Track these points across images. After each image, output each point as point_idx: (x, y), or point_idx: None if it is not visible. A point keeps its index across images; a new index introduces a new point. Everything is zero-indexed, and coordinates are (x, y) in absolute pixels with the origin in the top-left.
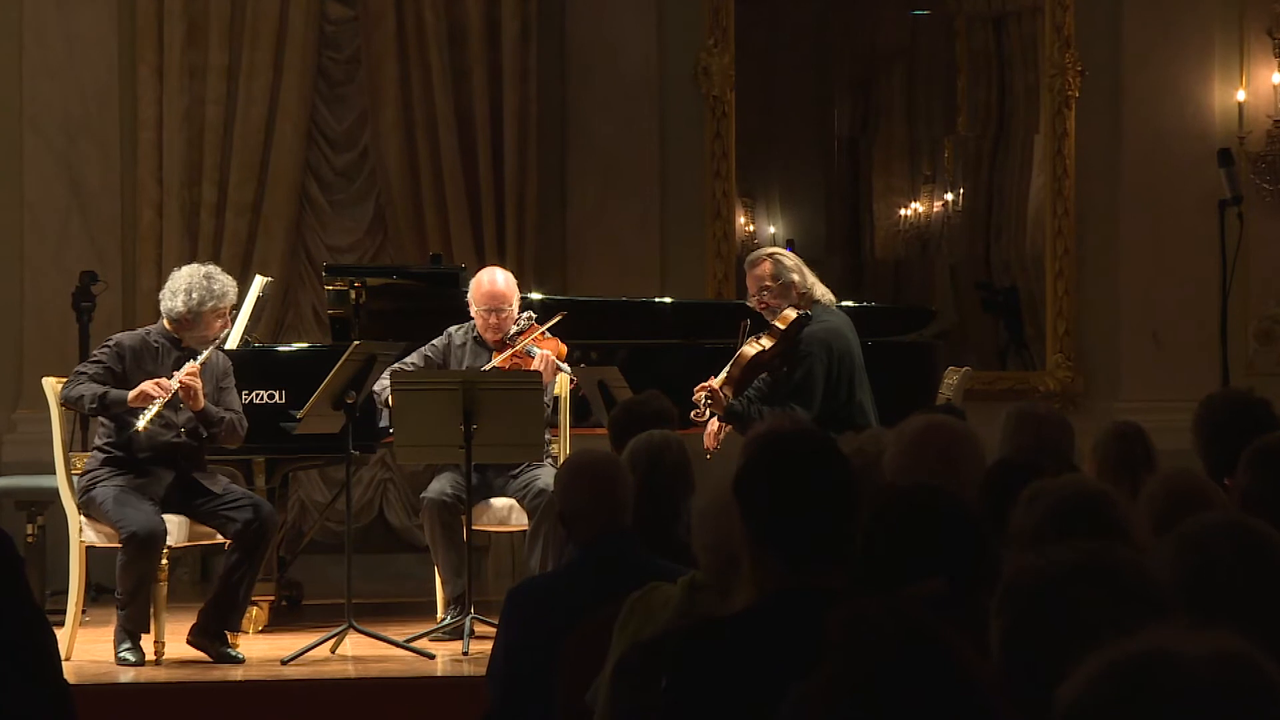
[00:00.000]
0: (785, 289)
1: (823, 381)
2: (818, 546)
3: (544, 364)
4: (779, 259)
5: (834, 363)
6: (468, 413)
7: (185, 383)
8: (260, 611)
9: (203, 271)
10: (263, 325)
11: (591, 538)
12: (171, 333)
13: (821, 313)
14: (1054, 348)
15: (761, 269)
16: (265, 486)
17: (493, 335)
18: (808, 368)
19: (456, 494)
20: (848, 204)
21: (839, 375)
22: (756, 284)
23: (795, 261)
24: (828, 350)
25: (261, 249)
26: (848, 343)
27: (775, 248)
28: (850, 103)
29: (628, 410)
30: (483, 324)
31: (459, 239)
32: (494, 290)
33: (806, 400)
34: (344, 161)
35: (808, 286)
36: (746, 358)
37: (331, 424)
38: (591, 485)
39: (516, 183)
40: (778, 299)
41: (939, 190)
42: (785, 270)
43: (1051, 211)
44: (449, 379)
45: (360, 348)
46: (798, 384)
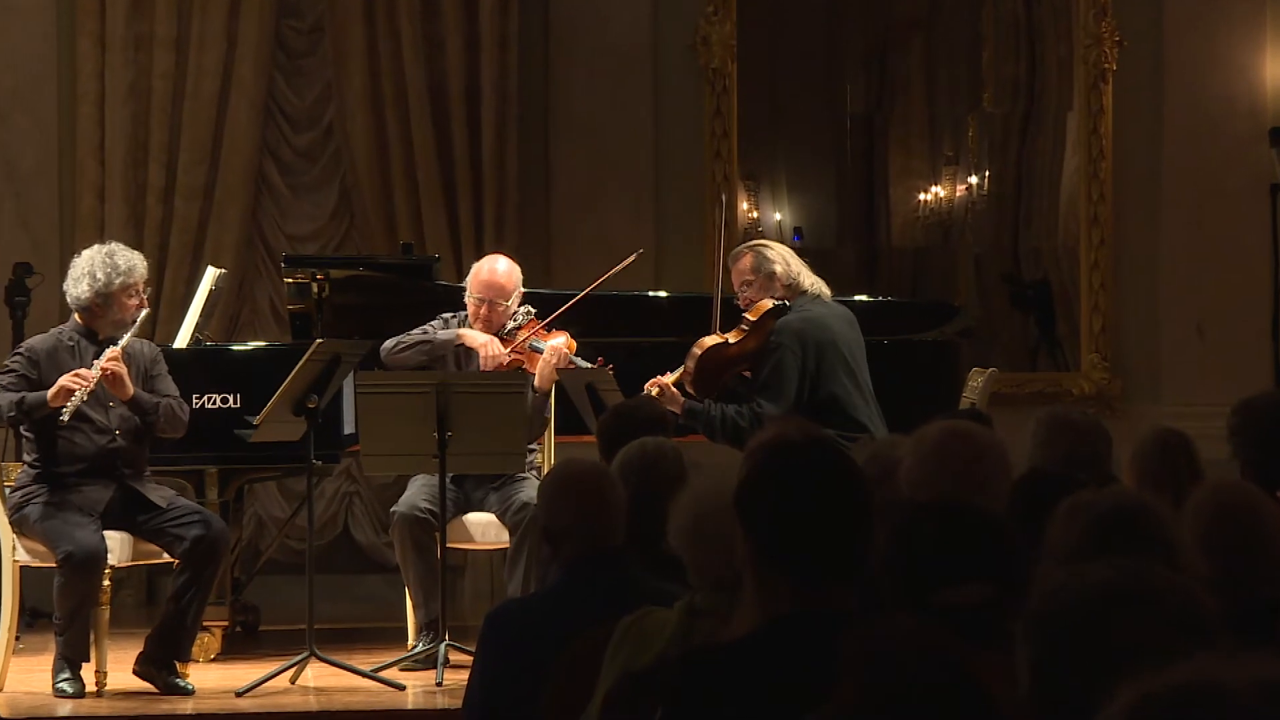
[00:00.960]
0: (768, 281)
1: (796, 376)
2: (829, 565)
3: (556, 358)
4: (760, 250)
5: (809, 356)
6: (442, 418)
7: (107, 368)
8: (212, 638)
9: (103, 250)
10: (215, 322)
11: (579, 557)
12: (85, 325)
13: (806, 304)
14: (1089, 346)
15: (742, 263)
16: (218, 500)
17: (482, 328)
18: (776, 360)
19: (430, 508)
20: (861, 188)
21: (816, 368)
22: (738, 280)
23: (780, 252)
24: (800, 341)
25: (214, 238)
26: (830, 334)
27: (761, 240)
28: (864, 76)
29: (619, 416)
30: (473, 313)
31: (432, 226)
32: (492, 280)
33: (774, 395)
34: (305, 141)
35: (793, 277)
36: (703, 347)
37: (291, 431)
38: (579, 499)
39: (495, 164)
40: (760, 293)
41: (962, 173)
42: (766, 261)
43: (1086, 196)
44: (421, 381)
45: (323, 347)
46: (768, 377)
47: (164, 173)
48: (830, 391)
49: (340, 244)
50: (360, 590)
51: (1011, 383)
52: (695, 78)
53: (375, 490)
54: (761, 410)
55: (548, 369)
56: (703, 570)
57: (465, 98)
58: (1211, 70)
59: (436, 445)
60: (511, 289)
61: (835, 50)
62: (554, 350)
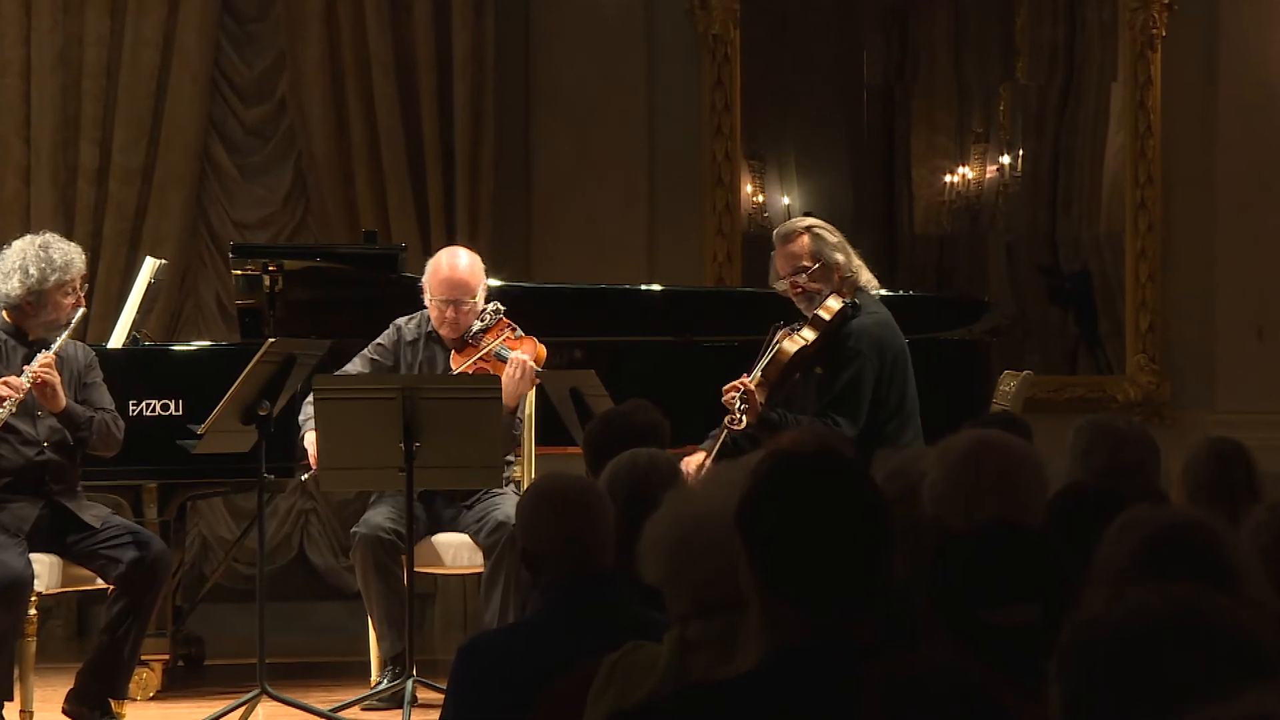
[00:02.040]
0: (827, 271)
1: (871, 390)
2: (844, 591)
3: (519, 372)
4: (820, 233)
5: (886, 366)
6: (409, 427)
7: (39, 376)
8: (151, 674)
9: (37, 243)
10: (155, 319)
11: (562, 582)
12: (14, 325)
13: (868, 303)
14: (1135, 347)
15: (798, 244)
16: (157, 519)
17: (449, 332)
18: (856, 371)
19: (395, 528)
20: (880, 169)
21: (890, 381)
22: (790, 263)
23: (840, 238)
24: (879, 350)
25: (154, 225)
26: (901, 341)
27: (812, 218)
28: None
29: (607, 424)
30: (438, 317)
31: (398, 212)
32: (454, 277)
33: (852, 411)
34: (255, 117)
35: (853, 270)
36: (787, 355)
37: (240, 441)
38: (562, 517)
39: (469, 143)
40: (817, 283)
41: (993, 152)
42: (827, 247)
43: (1133, 178)
44: (385, 384)
45: (276, 347)
46: (843, 391)
47: (97, 152)
48: (906, 406)
49: (295, 232)
50: (317, 620)
51: (1048, 387)
52: (693, 45)
53: (334, 508)
54: (837, 426)
55: (512, 385)
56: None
57: (436, 68)
58: (1271, 36)
59: (403, 457)
60: (477, 284)
61: (850, 13)
62: (517, 365)
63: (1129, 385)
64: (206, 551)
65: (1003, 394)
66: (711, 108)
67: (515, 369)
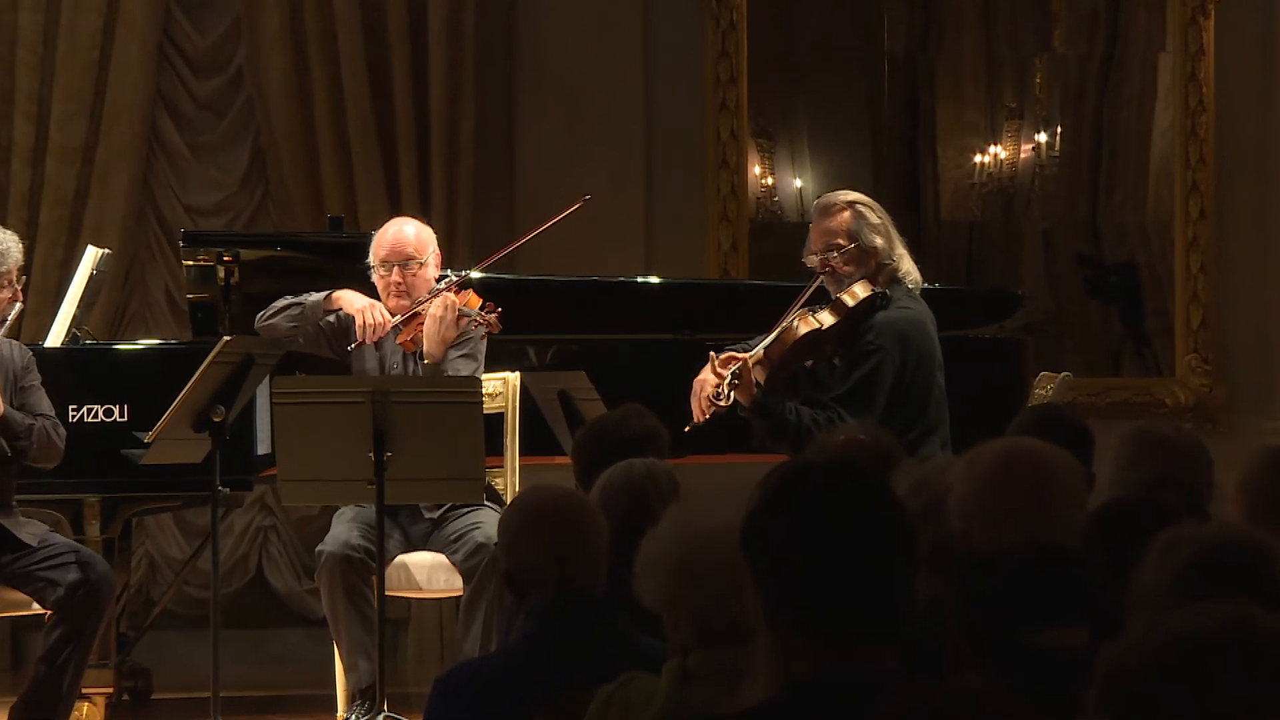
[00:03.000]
0: (863, 255)
1: (888, 390)
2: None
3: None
4: (862, 211)
5: (909, 367)
6: (380, 434)
7: None
8: (94, 708)
9: None
10: (97, 314)
11: (550, 607)
12: None
13: (902, 297)
14: (1186, 346)
15: (836, 220)
16: (100, 537)
17: (396, 302)
18: (873, 366)
19: (365, 546)
20: (902, 148)
21: (912, 386)
22: (824, 239)
23: (883, 218)
24: (903, 346)
25: (96, 210)
26: (931, 343)
27: (859, 195)
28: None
29: (599, 431)
30: (383, 286)
31: (368, 196)
32: (399, 239)
33: (862, 408)
34: (209, 90)
35: (893, 258)
36: (795, 335)
37: (192, 451)
38: (549, 535)
39: (446, 120)
40: (850, 265)
41: (1028, 129)
42: (867, 228)
43: (1183, 159)
44: (353, 387)
45: (232, 346)
46: (856, 386)
47: (32, 129)
48: (930, 415)
49: (253, 217)
50: (278, 648)
51: (1089, 390)
52: (695, 11)
53: (296, 525)
54: (842, 425)
55: (434, 325)
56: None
57: (409, 36)
58: None
59: (373, 468)
60: (425, 248)
61: None
62: (440, 301)
63: (1179, 389)
64: (154, 573)
65: (1039, 398)
66: (716, 80)
67: (437, 306)
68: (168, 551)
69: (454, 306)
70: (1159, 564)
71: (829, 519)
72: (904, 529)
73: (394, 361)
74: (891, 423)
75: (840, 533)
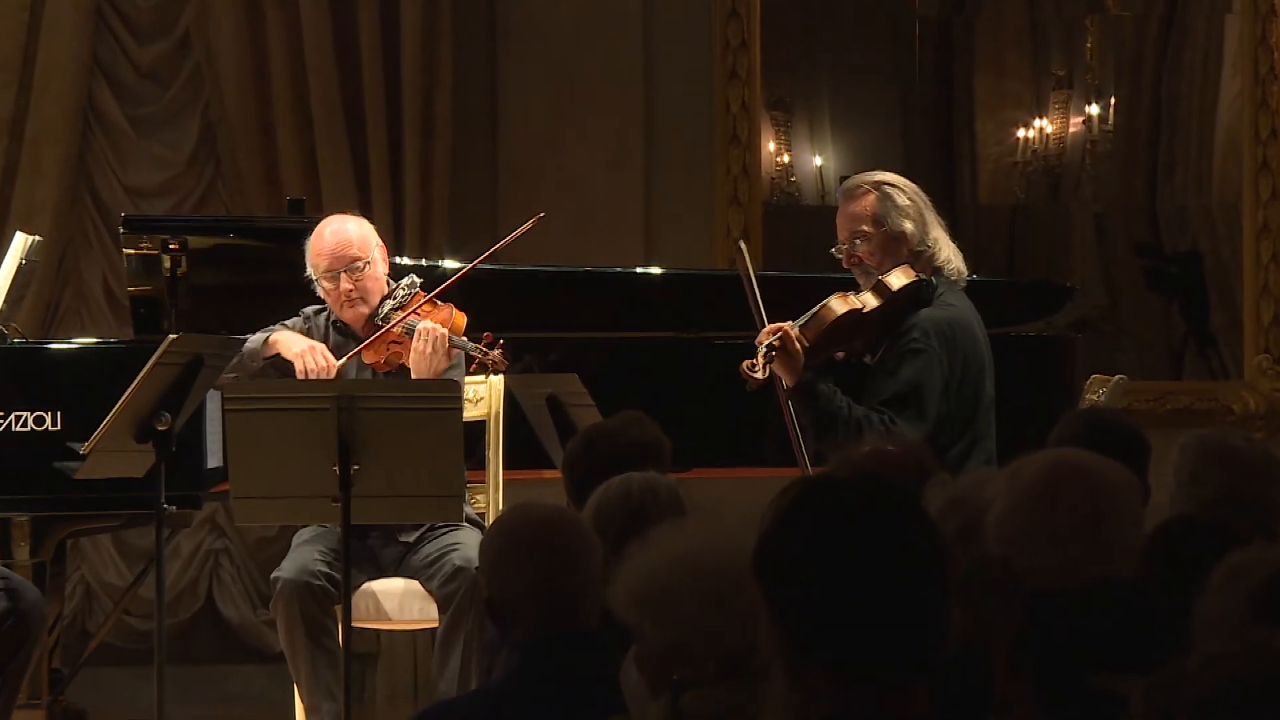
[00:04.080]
0: (892, 243)
1: (939, 392)
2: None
3: (428, 342)
4: (889, 192)
5: (955, 371)
6: (345, 445)
7: None
8: None
9: None
10: (26, 309)
11: (537, 640)
12: None
13: (946, 291)
14: (1256, 345)
15: (860, 204)
16: (30, 561)
17: (353, 312)
18: (923, 366)
19: (328, 573)
20: (936, 122)
21: (958, 394)
22: (848, 226)
23: (915, 200)
24: (949, 346)
25: (25, 192)
26: (978, 346)
27: (887, 176)
28: None
29: (593, 442)
30: (335, 299)
31: (331, 176)
32: (340, 242)
33: (914, 414)
34: (153, 56)
35: (929, 243)
36: (833, 315)
37: (133, 464)
38: (537, 559)
39: (420, 90)
40: (877, 255)
41: (1077, 100)
42: (895, 211)
43: (1252, 133)
44: (314, 392)
45: (179, 345)
46: (904, 389)
47: None
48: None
49: (202, 200)
50: (231, 686)
51: (1148, 395)
52: None
53: (251, 548)
54: (896, 429)
55: (421, 361)
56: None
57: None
58: None
59: (338, 483)
60: (369, 242)
61: None
62: (423, 334)
63: (1248, 393)
64: (91, 601)
65: (1089, 403)
66: (725, 45)
67: (422, 339)
68: (106, 577)
69: (441, 339)
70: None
71: (853, 540)
72: (937, 552)
73: None
74: (937, 433)
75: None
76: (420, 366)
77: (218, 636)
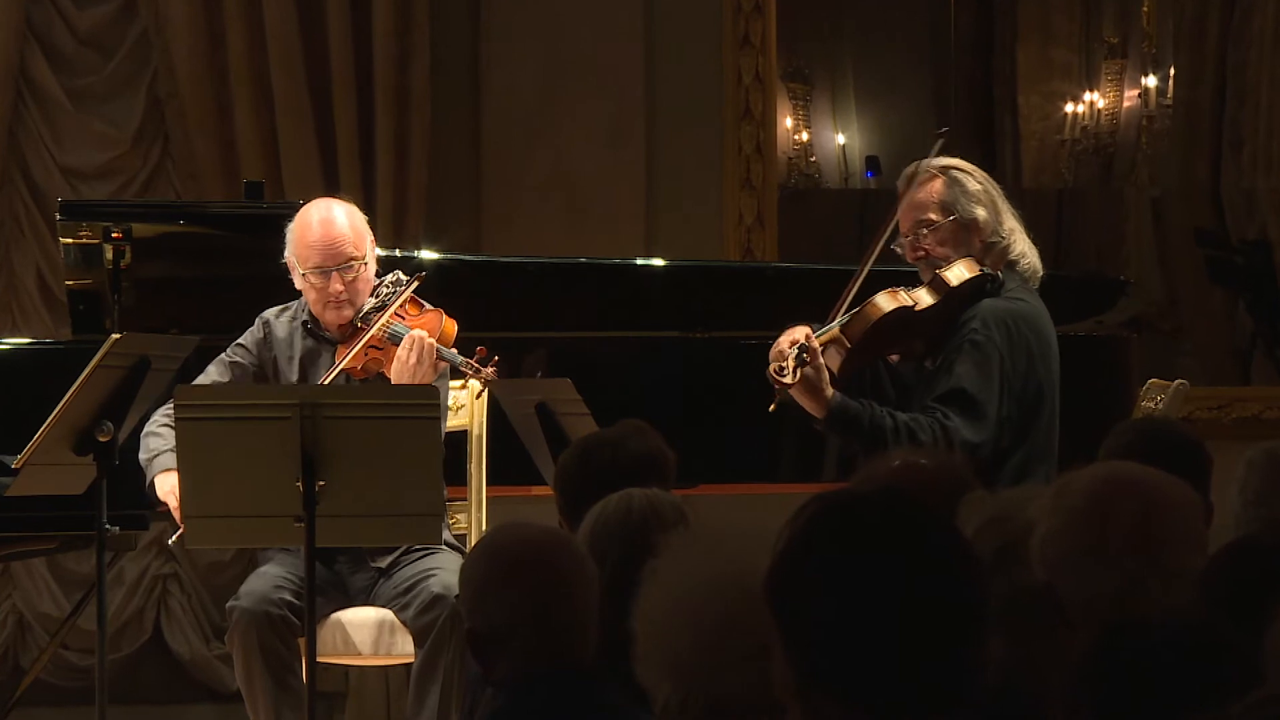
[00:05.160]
0: (962, 231)
1: (1000, 390)
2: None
3: (414, 352)
4: (959, 177)
5: (1017, 372)
6: (309, 457)
7: None
8: None
9: None
10: None
11: (525, 676)
12: None
13: (1016, 286)
14: None
15: (926, 190)
16: None
17: (336, 315)
18: (982, 359)
19: (290, 601)
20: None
21: (1020, 398)
22: (913, 216)
23: (987, 186)
24: (1009, 343)
25: None
26: (1046, 347)
27: (956, 161)
28: None
29: (588, 455)
30: (319, 298)
31: (294, 156)
32: (334, 237)
33: (974, 411)
34: (93, 21)
35: (1003, 235)
36: (880, 313)
37: (71, 479)
38: (524, 587)
39: (395, 61)
40: (946, 246)
41: (1132, 71)
42: (965, 197)
43: None
44: (275, 399)
45: (123, 345)
46: (962, 383)
47: None
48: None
49: (149, 183)
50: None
51: (1210, 403)
52: None
53: (203, 573)
54: (952, 428)
55: (405, 371)
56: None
57: None
58: None
59: (300, 501)
60: (364, 238)
61: None
62: (410, 342)
63: None
64: (24, 634)
65: (1146, 411)
66: (736, 8)
67: (408, 348)
68: (41, 607)
69: (430, 349)
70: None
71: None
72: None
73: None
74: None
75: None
76: (402, 378)
77: (166, 672)
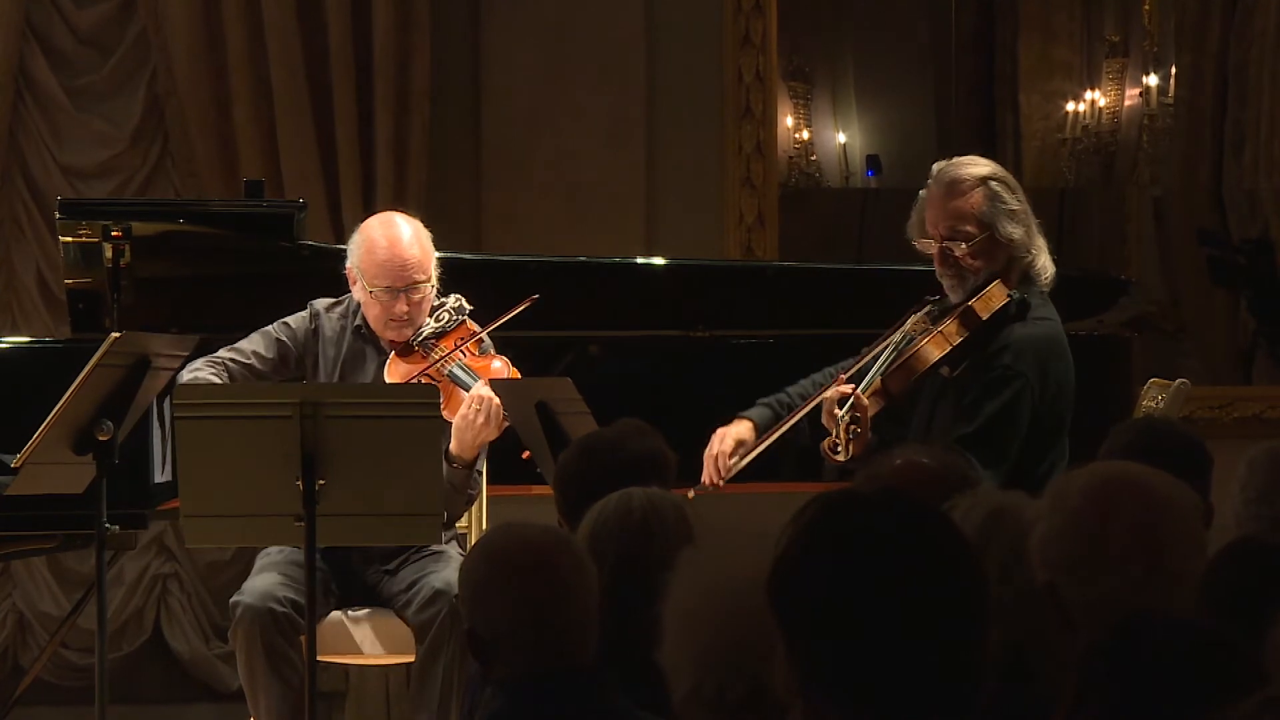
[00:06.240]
0: (994, 248)
1: (1025, 426)
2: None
3: (481, 413)
4: (998, 191)
5: (1047, 399)
6: (310, 457)
7: None
8: None
9: None
10: None
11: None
12: None
13: (1038, 305)
14: None
15: (967, 200)
16: None
17: (398, 335)
18: (1011, 399)
19: (291, 599)
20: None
21: (1046, 423)
22: (949, 222)
23: (1024, 202)
24: (1041, 374)
25: None
26: (1069, 369)
27: (992, 165)
28: None
29: (588, 454)
30: (381, 314)
31: (294, 155)
32: (400, 255)
33: (995, 454)
34: (93, 20)
35: (1032, 251)
36: (926, 363)
37: (71, 479)
38: (524, 588)
39: (395, 59)
40: (979, 259)
41: (1134, 70)
42: (1004, 216)
43: None
44: (275, 398)
45: (122, 344)
46: (989, 424)
47: None
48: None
49: (148, 182)
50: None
51: (1212, 402)
52: None
53: (203, 572)
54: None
55: (470, 430)
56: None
57: None
58: None
59: (300, 501)
60: (428, 259)
61: None
62: (477, 403)
63: None
64: (25, 633)
65: (1146, 411)
66: (737, 8)
67: (475, 409)
68: (41, 606)
69: (497, 412)
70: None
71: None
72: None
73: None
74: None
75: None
76: (466, 435)
77: (166, 672)
